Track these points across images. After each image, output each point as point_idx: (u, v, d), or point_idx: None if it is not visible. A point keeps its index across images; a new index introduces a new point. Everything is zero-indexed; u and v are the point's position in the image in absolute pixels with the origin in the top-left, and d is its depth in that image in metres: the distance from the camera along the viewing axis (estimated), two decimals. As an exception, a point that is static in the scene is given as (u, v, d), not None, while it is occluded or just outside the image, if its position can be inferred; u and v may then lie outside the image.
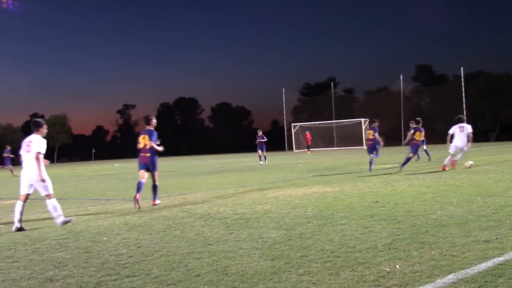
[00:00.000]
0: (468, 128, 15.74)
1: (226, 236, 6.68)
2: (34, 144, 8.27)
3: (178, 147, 77.59)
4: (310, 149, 49.24)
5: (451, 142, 15.93)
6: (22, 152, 8.37)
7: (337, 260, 5.04)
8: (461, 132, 15.77)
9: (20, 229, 8.07)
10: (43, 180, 8.20)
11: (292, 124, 62.27)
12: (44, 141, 8.35)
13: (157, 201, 10.66)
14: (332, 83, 71.29)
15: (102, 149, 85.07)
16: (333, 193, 10.87)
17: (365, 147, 52.16)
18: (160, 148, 10.67)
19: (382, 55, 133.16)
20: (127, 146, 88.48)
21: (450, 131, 15.97)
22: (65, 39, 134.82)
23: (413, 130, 17.59)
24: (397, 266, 4.69)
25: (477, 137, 39.81)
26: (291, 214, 8.25)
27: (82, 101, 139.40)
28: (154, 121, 10.78)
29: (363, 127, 54.67)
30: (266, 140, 28.49)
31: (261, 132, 28.84)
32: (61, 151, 76.97)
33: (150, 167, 10.58)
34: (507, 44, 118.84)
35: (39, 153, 8.18)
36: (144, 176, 10.58)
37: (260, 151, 28.37)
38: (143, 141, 10.54)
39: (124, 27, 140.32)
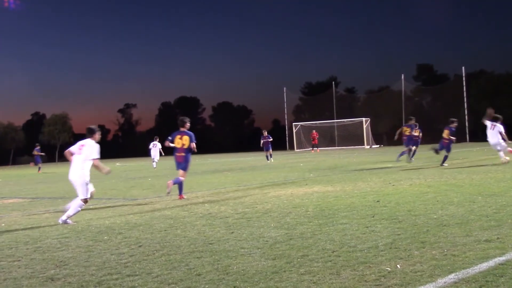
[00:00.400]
0: (500, 128, 16.36)
1: (227, 235, 6.68)
2: (86, 148, 8.83)
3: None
4: (319, 148, 49.25)
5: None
6: (74, 149, 8.91)
7: (338, 259, 5.04)
8: (491, 130, 16.52)
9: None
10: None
11: (293, 123, 62.28)
12: (97, 146, 8.91)
13: (184, 196, 11.48)
14: (333, 82, 71.34)
15: (103, 148, 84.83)
16: (334, 193, 10.87)
17: (366, 146, 52.52)
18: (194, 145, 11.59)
19: (383, 55, 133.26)
20: (128, 145, 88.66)
21: (484, 121, 16.93)
22: (65, 39, 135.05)
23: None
24: (398, 265, 4.69)
25: (479, 136, 39.71)
26: (292, 213, 8.25)
27: (83, 100, 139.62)
28: (188, 124, 11.70)
29: (364, 126, 54.75)
30: (271, 139, 29.54)
31: (266, 132, 30.04)
32: (62, 150, 76.76)
33: (182, 165, 11.48)
34: (509, 44, 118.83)
35: (95, 159, 8.77)
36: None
37: (266, 151, 29.39)
38: (180, 141, 11.46)
39: (125, 26, 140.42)
